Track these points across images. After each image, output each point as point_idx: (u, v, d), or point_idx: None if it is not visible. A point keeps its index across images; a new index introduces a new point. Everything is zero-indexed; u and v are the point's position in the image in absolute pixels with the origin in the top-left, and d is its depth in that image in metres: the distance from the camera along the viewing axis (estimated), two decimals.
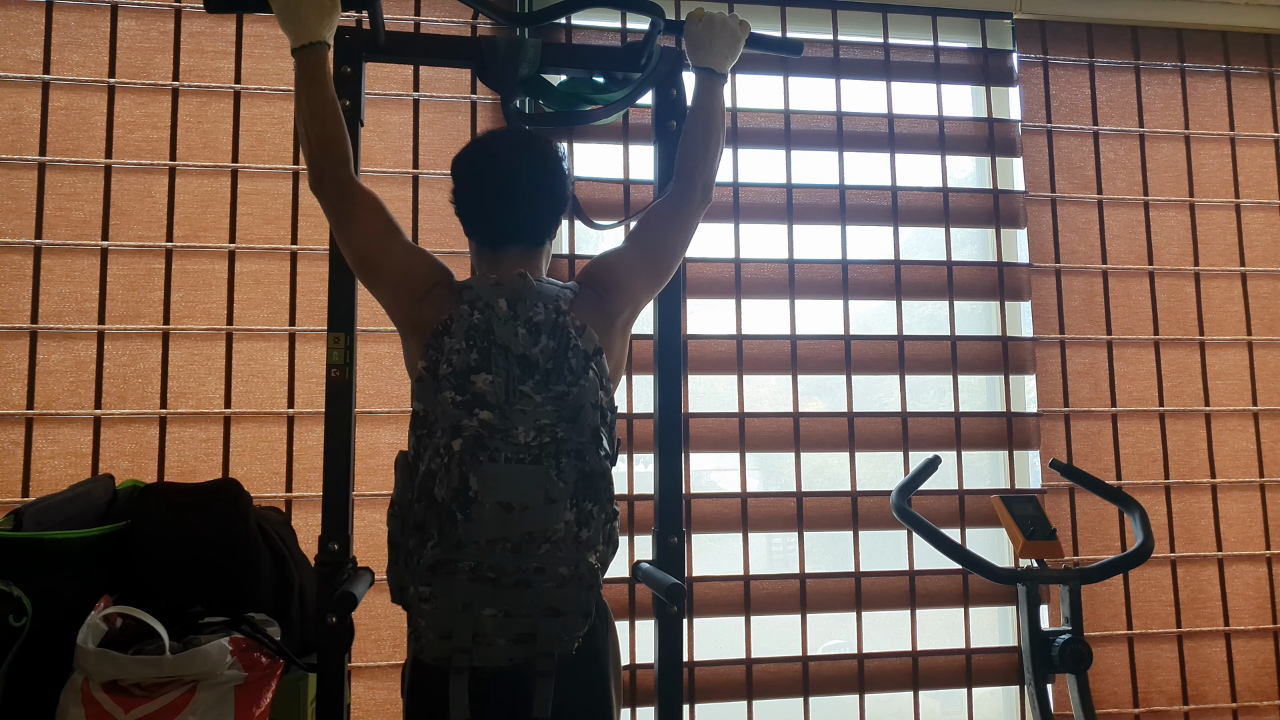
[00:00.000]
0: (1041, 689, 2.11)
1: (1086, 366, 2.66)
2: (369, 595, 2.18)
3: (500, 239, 1.56)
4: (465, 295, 1.46)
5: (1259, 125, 2.83)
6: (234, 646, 1.59)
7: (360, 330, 1.87)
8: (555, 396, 1.42)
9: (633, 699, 2.33)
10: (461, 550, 1.35)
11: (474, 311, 1.44)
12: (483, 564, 1.35)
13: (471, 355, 1.41)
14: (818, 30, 2.65)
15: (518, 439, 1.38)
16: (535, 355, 1.43)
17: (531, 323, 1.44)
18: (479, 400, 1.39)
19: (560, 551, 1.38)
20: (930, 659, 2.48)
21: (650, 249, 1.64)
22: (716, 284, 2.51)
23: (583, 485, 1.41)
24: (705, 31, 1.75)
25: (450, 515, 1.36)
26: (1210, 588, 2.64)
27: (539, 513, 1.36)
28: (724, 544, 2.48)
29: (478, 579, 1.35)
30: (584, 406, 1.42)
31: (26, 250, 2.26)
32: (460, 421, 1.38)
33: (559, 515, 1.37)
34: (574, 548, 1.39)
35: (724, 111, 1.76)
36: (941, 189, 2.64)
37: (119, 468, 2.21)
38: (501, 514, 1.36)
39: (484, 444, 1.37)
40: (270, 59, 2.39)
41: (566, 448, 1.40)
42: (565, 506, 1.38)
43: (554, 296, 1.48)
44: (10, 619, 1.56)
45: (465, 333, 1.42)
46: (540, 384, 1.42)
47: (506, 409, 1.39)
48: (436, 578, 1.36)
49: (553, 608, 1.37)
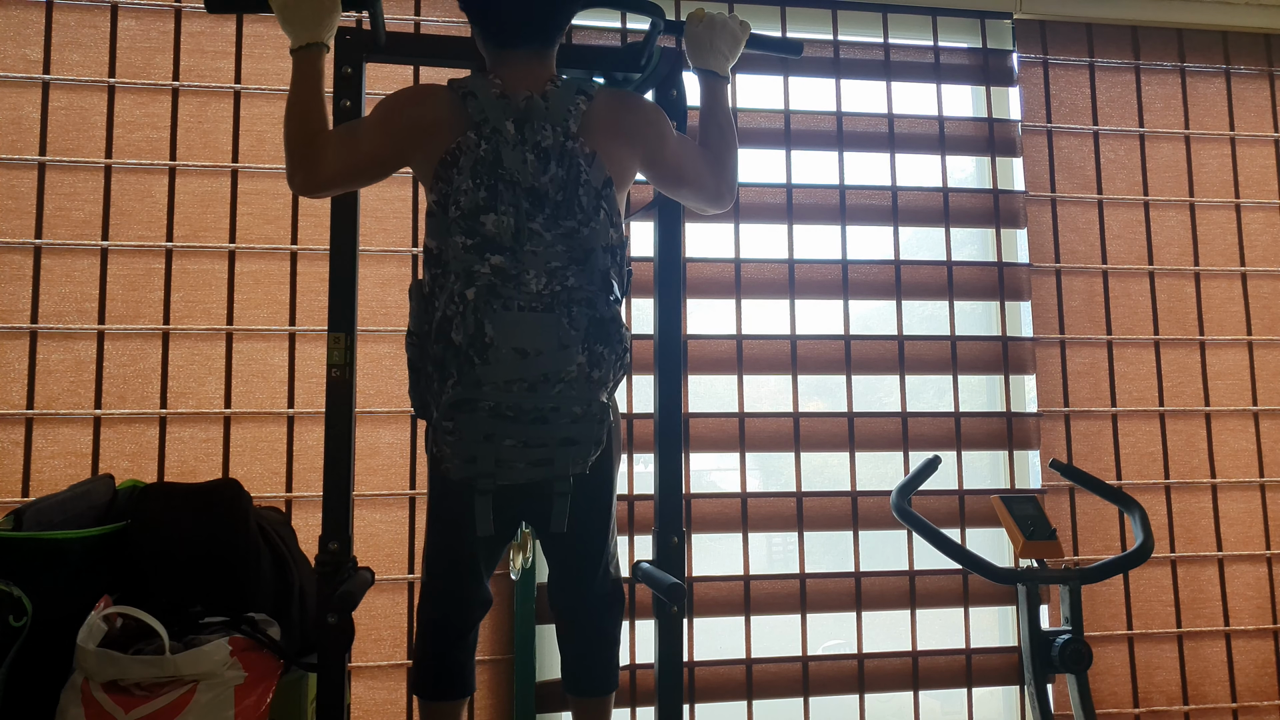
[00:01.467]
0: (1041, 689, 2.11)
1: (1086, 366, 2.66)
2: (369, 595, 2.18)
3: (507, 37, 1.54)
4: (470, 108, 1.45)
5: (1259, 125, 2.83)
6: (234, 646, 1.59)
7: (360, 330, 1.87)
8: (565, 234, 1.43)
9: (633, 699, 2.33)
10: (480, 389, 1.40)
11: (481, 140, 1.43)
12: (501, 403, 1.41)
13: (480, 194, 1.42)
14: (818, 30, 2.65)
15: (529, 287, 1.41)
16: (544, 185, 1.43)
17: (540, 148, 1.44)
18: (489, 244, 1.41)
19: (574, 391, 1.43)
20: (930, 659, 2.48)
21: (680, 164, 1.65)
22: (716, 284, 2.51)
23: (594, 330, 1.44)
24: (705, 32, 1.75)
25: (468, 358, 1.40)
26: (1210, 588, 2.64)
27: (552, 357, 1.41)
28: (724, 544, 2.48)
29: (497, 416, 1.42)
30: (594, 250, 1.44)
31: (26, 250, 2.26)
32: (473, 267, 1.40)
33: (571, 359, 1.42)
34: (586, 387, 1.44)
35: (730, 113, 1.76)
36: (941, 189, 2.64)
37: (119, 468, 2.21)
38: (517, 359, 1.40)
39: (497, 292, 1.40)
40: (270, 59, 2.39)
41: (578, 296, 1.43)
42: (577, 350, 1.42)
43: (563, 116, 1.47)
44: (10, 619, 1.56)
45: (472, 168, 1.42)
46: (550, 220, 1.43)
47: (517, 250, 1.41)
48: (459, 414, 1.42)
49: (568, 439, 1.45)
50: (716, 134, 1.73)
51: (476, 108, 1.45)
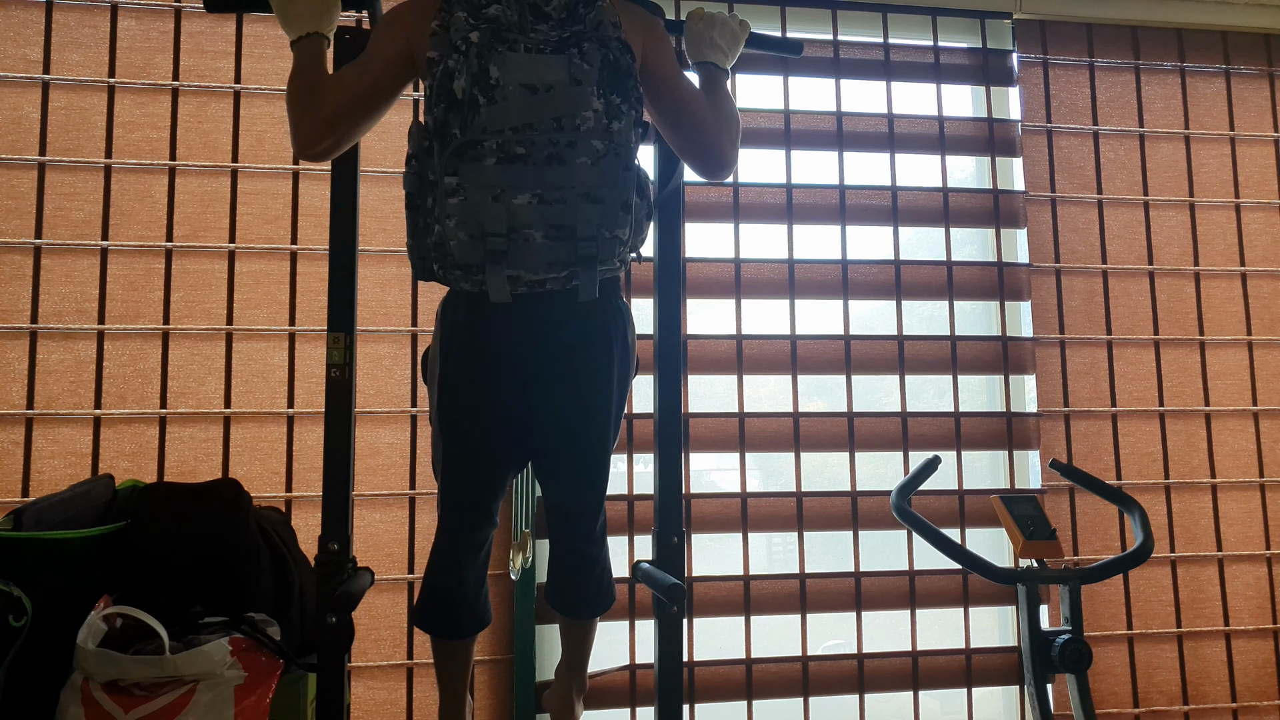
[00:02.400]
0: (1041, 689, 2.11)
1: (1086, 366, 2.66)
2: (369, 595, 2.18)
3: None
4: None
5: (1259, 125, 2.83)
6: (234, 646, 1.59)
7: (360, 330, 1.87)
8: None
9: (632, 699, 2.33)
10: (486, 133, 1.29)
11: None
12: (510, 141, 1.29)
13: None
14: (818, 30, 2.65)
15: (535, 33, 1.33)
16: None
17: None
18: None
19: (594, 135, 1.33)
20: (930, 659, 2.48)
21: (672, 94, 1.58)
22: (716, 284, 2.51)
23: (609, 74, 1.35)
24: (706, 29, 1.75)
25: (473, 102, 1.29)
26: (1210, 588, 2.64)
27: (565, 94, 1.30)
28: (724, 544, 2.48)
29: (507, 158, 1.29)
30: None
31: (26, 250, 2.26)
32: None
33: (586, 101, 1.31)
34: (606, 136, 1.33)
35: (732, 104, 1.74)
36: (941, 189, 2.64)
37: (119, 468, 2.21)
38: (526, 96, 1.29)
39: (501, 36, 1.32)
40: (270, 59, 2.39)
41: (589, 36, 1.35)
42: (592, 93, 1.32)
43: None
44: (10, 619, 1.56)
45: None
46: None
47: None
48: (463, 163, 1.29)
49: (589, 192, 1.32)
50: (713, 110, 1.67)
51: None
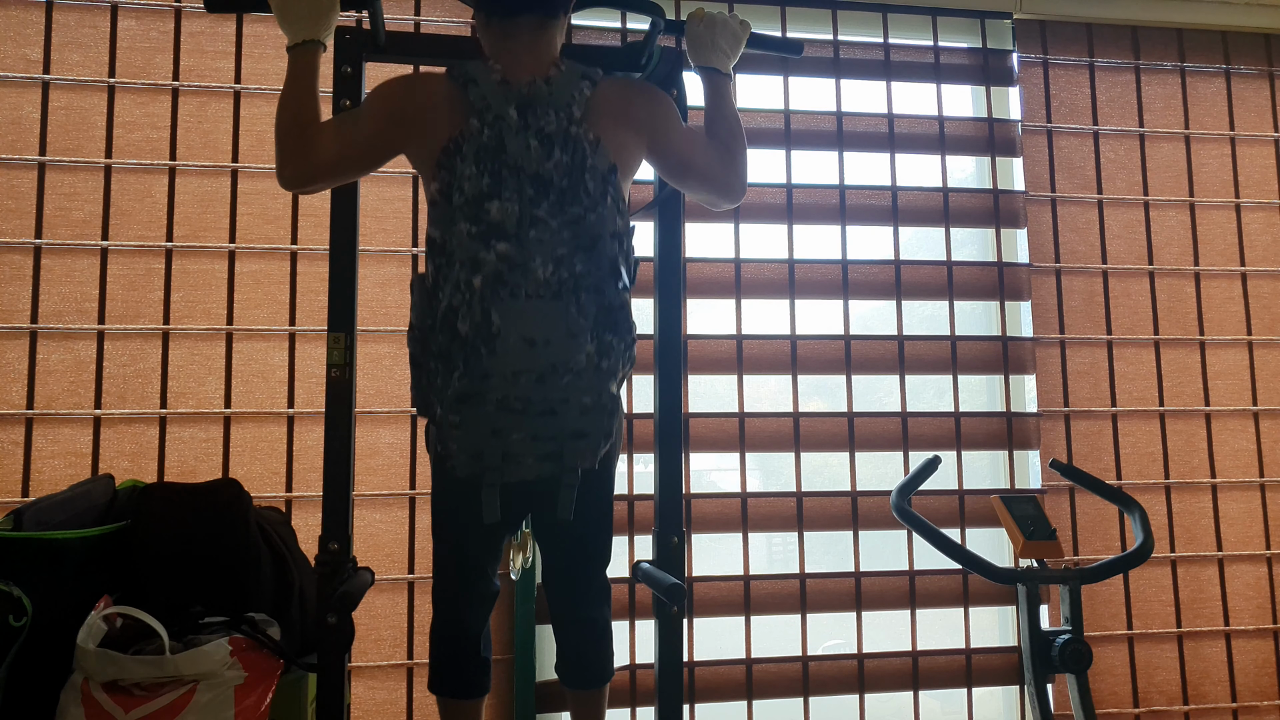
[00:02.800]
0: (1041, 689, 2.11)
1: (1086, 366, 2.66)
2: (369, 595, 2.18)
3: (511, 6, 1.49)
4: (472, 95, 1.42)
5: (1259, 125, 2.83)
6: (234, 646, 1.59)
7: (360, 330, 1.87)
8: (571, 221, 1.41)
9: (633, 699, 2.33)
10: (488, 381, 1.38)
11: (484, 127, 1.41)
12: (509, 395, 1.38)
13: (484, 180, 1.40)
14: (818, 30, 2.65)
15: (536, 275, 1.39)
16: (549, 171, 1.41)
17: (543, 134, 1.42)
18: (495, 231, 1.39)
19: (582, 381, 1.41)
20: (930, 659, 2.48)
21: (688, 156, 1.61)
22: (716, 284, 2.51)
23: (602, 318, 1.43)
24: (706, 31, 1.75)
25: (474, 349, 1.38)
26: (1210, 588, 2.64)
27: (560, 346, 1.39)
28: (724, 544, 2.48)
29: (505, 409, 1.39)
30: (601, 236, 1.43)
31: (26, 250, 2.26)
32: (478, 255, 1.38)
33: (580, 348, 1.40)
34: (595, 377, 1.42)
35: (736, 111, 1.75)
36: (941, 189, 2.64)
37: (119, 468, 2.21)
38: (525, 348, 1.38)
39: (504, 280, 1.38)
40: (270, 59, 2.39)
41: (585, 283, 1.41)
42: (586, 339, 1.41)
43: (567, 101, 1.45)
44: (10, 619, 1.56)
45: (476, 155, 1.41)
46: (555, 206, 1.41)
47: (523, 238, 1.39)
48: (465, 407, 1.39)
49: (577, 432, 1.42)
50: (724, 128, 1.70)
51: (478, 94, 1.43)
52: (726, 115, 1.72)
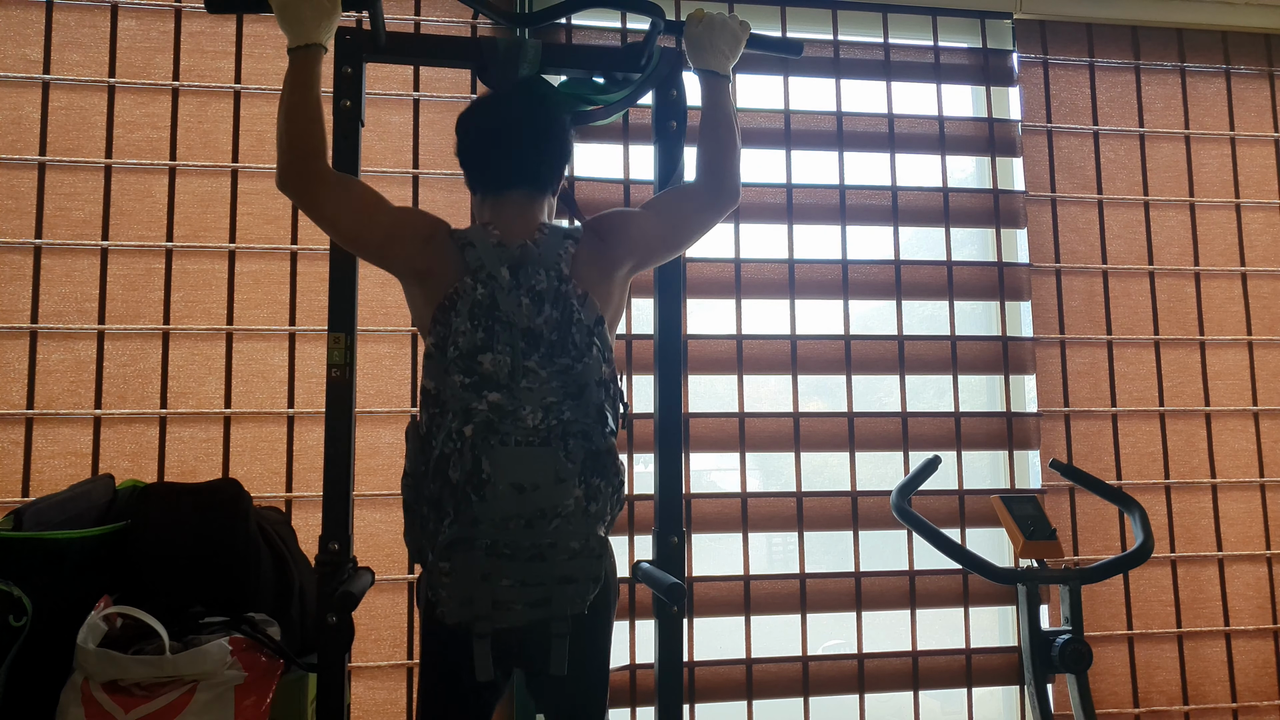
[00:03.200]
0: (1041, 689, 2.11)
1: (1086, 366, 2.66)
2: (369, 595, 2.18)
3: (501, 182, 1.58)
4: (469, 258, 1.48)
5: (1259, 125, 2.83)
6: (234, 646, 1.59)
7: (360, 330, 1.87)
8: (560, 370, 1.46)
9: (633, 699, 2.33)
10: (478, 527, 1.40)
11: (477, 285, 1.46)
12: (499, 541, 1.40)
13: (477, 335, 1.45)
14: (818, 30, 2.65)
15: (526, 422, 1.43)
16: (539, 326, 1.46)
17: (534, 291, 1.47)
18: (487, 381, 1.43)
19: (571, 525, 1.43)
20: (930, 659, 2.48)
21: (669, 222, 1.66)
22: (716, 284, 2.51)
23: (590, 463, 1.46)
24: (705, 33, 1.75)
25: (465, 496, 1.41)
26: (1210, 588, 2.64)
27: (549, 491, 1.42)
28: (724, 544, 2.48)
29: (494, 554, 1.41)
30: (588, 384, 1.47)
31: (26, 250, 2.26)
32: (470, 405, 1.42)
33: (568, 492, 1.43)
34: (583, 521, 1.44)
35: (734, 112, 1.75)
36: (941, 189, 2.64)
37: (119, 468, 2.21)
38: (514, 494, 1.40)
39: (494, 428, 1.42)
40: (270, 59, 2.39)
41: (573, 429, 1.45)
42: (574, 484, 1.43)
43: (555, 260, 1.50)
44: (10, 619, 1.56)
45: (470, 311, 1.45)
46: (545, 358, 1.46)
47: (514, 388, 1.44)
48: (455, 554, 1.41)
49: (566, 576, 1.44)
50: (715, 133, 1.71)
51: (474, 256, 1.48)
52: (719, 118, 1.73)
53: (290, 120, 1.53)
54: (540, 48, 1.83)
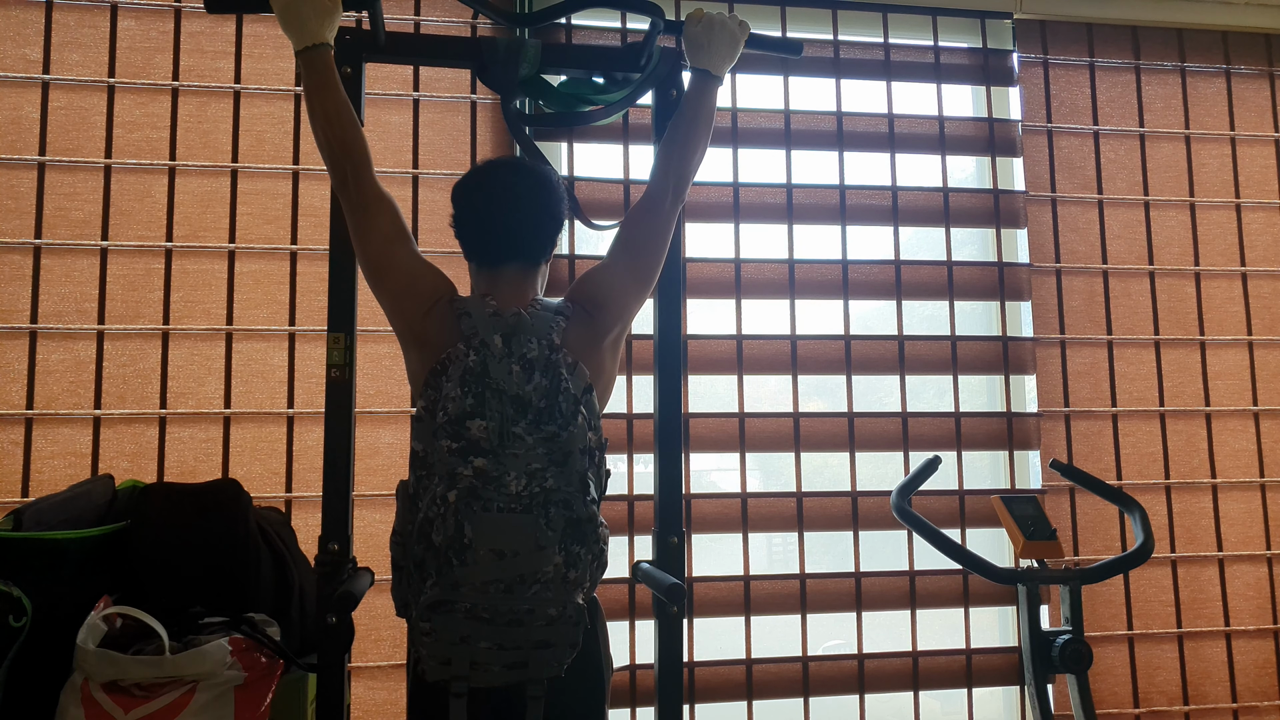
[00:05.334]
0: (1042, 689, 2.11)
1: (1086, 366, 2.66)
2: (369, 595, 2.18)
3: (497, 257, 1.60)
4: (464, 326, 1.51)
5: (1259, 125, 2.83)
6: (234, 646, 1.59)
7: (360, 330, 1.87)
8: (546, 438, 1.48)
9: (632, 699, 2.33)
10: (458, 591, 1.43)
11: (470, 352, 1.49)
12: (478, 605, 1.43)
13: (467, 401, 1.46)
14: (818, 30, 2.65)
15: (509, 488, 1.45)
16: (528, 394, 1.48)
17: (525, 359, 1.50)
18: (474, 447, 1.45)
19: (549, 592, 1.45)
20: (930, 659, 2.48)
21: (633, 254, 1.66)
22: (716, 284, 2.51)
23: (570, 530, 1.47)
24: (704, 33, 1.75)
25: (447, 560, 1.44)
26: (1211, 588, 2.64)
27: (529, 558, 1.44)
28: (724, 544, 2.48)
29: (473, 618, 1.43)
30: (573, 452, 1.48)
31: (26, 250, 2.26)
32: (456, 470, 1.44)
33: (548, 559, 1.44)
34: (562, 588, 1.46)
35: (713, 114, 1.76)
36: (942, 189, 2.64)
37: (119, 468, 2.21)
38: (494, 560, 1.43)
39: (478, 494, 1.44)
40: (270, 59, 2.39)
41: (555, 498, 1.47)
42: (554, 551, 1.45)
43: (547, 330, 1.53)
44: (10, 619, 1.56)
45: (461, 377, 1.47)
46: (532, 424, 1.48)
47: (500, 453, 1.45)
48: (436, 615, 1.43)
49: (543, 641, 1.46)
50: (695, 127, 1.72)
51: (469, 325, 1.51)
52: (704, 115, 1.74)
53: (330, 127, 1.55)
54: (540, 48, 1.83)
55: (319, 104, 1.55)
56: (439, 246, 2.34)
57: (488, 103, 2.44)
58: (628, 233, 1.68)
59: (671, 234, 1.71)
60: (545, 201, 1.61)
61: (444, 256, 2.12)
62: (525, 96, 1.91)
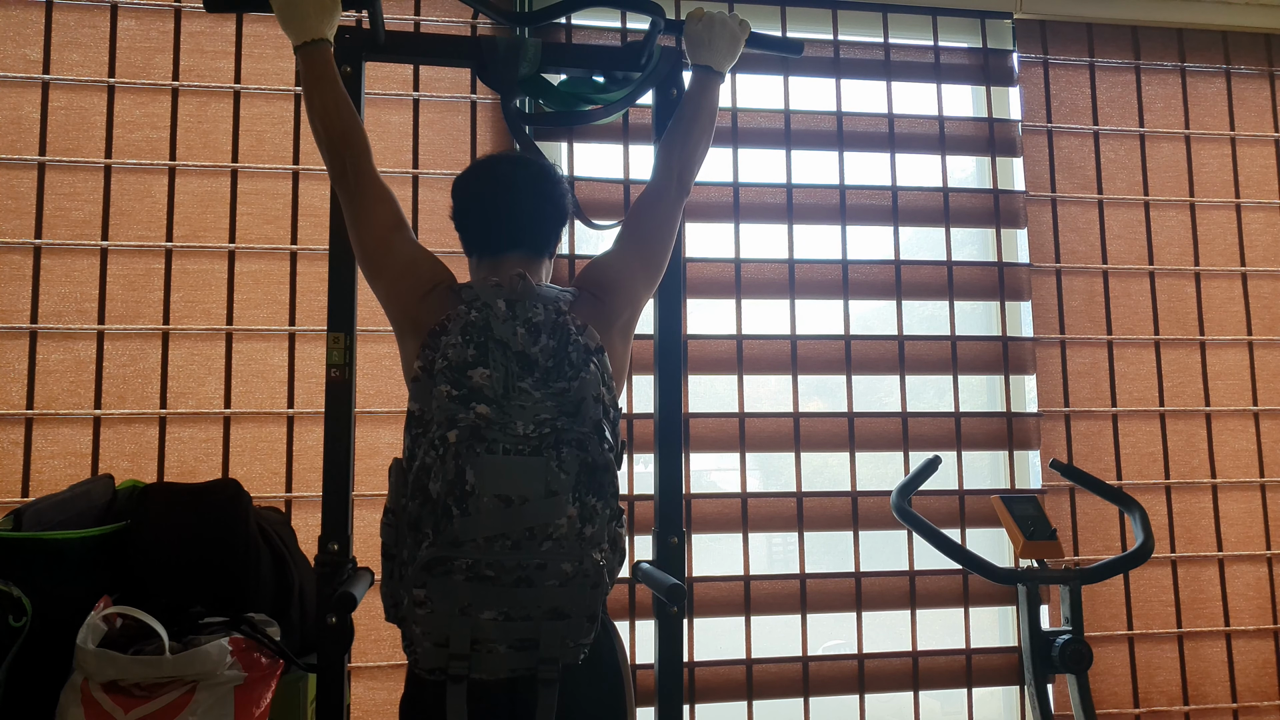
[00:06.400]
0: (1042, 689, 2.11)
1: (1086, 366, 2.66)
2: (369, 595, 2.18)
3: (499, 246, 1.54)
4: (464, 295, 1.43)
5: (1259, 125, 2.83)
6: (234, 646, 1.59)
7: (360, 330, 1.87)
8: (556, 393, 1.36)
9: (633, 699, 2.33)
10: (459, 548, 1.27)
11: (471, 310, 1.40)
12: (480, 561, 1.27)
13: (469, 350, 1.36)
14: (818, 30, 2.65)
15: (516, 431, 1.32)
16: (535, 354, 1.38)
17: (531, 323, 1.40)
18: (476, 395, 1.33)
19: (563, 548, 1.30)
20: (930, 659, 2.48)
21: (640, 244, 1.63)
22: (716, 284, 2.51)
23: (585, 477, 1.34)
24: (705, 31, 1.75)
25: (446, 511, 1.29)
26: (1210, 588, 2.64)
27: (540, 506, 1.29)
28: (724, 544, 2.48)
29: (475, 577, 1.28)
30: (585, 399, 1.36)
31: (26, 250, 2.26)
32: (456, 415, 1.31)
33: (561, 509, 1.30)
34: (578, 544, 1.31)
35: (715, 111, 1.75)
36: (942, 189, 2.64)
37: (119, 468, 2.21)
38: (500, 508, 1.28)
39: (481, 435, 1.31)
40: (270, 59, 2.39)
41: (567, 437, 1.33)
42: (567, 500, 1.31)
43: (553, 298, 1.45)
44: (10, 619, 1.56)
45: (462, 329, 1.38)
46: (540, 381, 1.37)
47: (505, 403, 1.33)
48: (431, 578, 1.28)
49: (556, 609, 1.30)
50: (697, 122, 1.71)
51: (470, 294, 1.43)
52: (707, 111, 1.74)
53: (328, 119, 1.54)
54: (540, 47, 1.83)
55: (318, 98, 1.54)
56: (439, 246, 2.33)
57: (488, 102, 2.44)
58: (633, 223, 1.65)
59: (678, 225, 1.68)
60: (547, 190, 1.56)
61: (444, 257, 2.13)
62: (525, 96, 1.92)
